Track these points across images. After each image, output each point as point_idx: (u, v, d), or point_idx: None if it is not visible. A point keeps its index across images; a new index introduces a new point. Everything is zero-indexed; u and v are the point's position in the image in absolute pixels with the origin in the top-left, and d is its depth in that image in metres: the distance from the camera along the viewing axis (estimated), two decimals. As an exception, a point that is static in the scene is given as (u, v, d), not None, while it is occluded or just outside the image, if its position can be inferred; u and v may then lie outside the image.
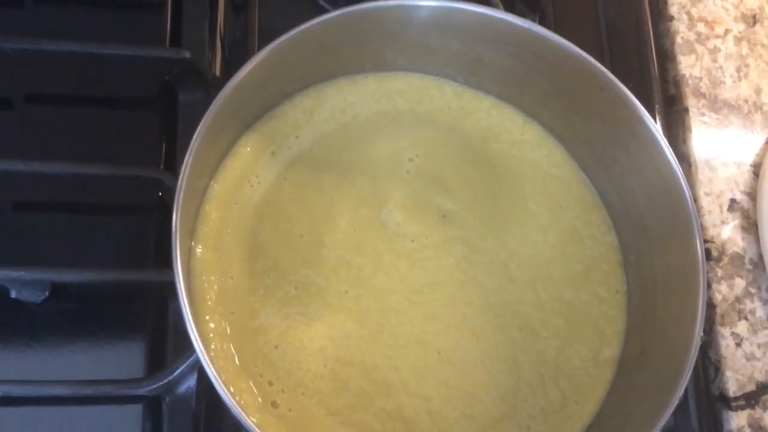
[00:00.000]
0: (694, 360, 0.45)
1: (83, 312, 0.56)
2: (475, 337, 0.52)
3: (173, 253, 0.43)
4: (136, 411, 0.54)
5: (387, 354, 0.51)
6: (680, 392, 0.45)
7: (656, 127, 0.50)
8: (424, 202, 0.55)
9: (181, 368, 0.51)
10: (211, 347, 0.48)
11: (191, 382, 0.53)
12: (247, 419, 0.40)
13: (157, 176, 0.57)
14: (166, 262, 0.56)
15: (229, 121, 0.51)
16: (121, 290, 0.57)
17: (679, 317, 0.49)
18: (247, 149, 0.53)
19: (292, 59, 0.51)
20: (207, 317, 0.48)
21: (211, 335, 0.48)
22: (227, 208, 0.52)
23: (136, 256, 0.58)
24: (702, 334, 0.46)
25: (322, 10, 0.68)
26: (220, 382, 0.41)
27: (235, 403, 0.41)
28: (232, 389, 0.47)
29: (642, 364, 0.51)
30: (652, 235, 0.53)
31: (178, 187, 0.43)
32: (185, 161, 0.45)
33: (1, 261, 0.54)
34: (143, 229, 0.59)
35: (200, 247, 0.50)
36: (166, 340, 0.55)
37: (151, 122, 0.62)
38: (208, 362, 0.41)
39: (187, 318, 0.42)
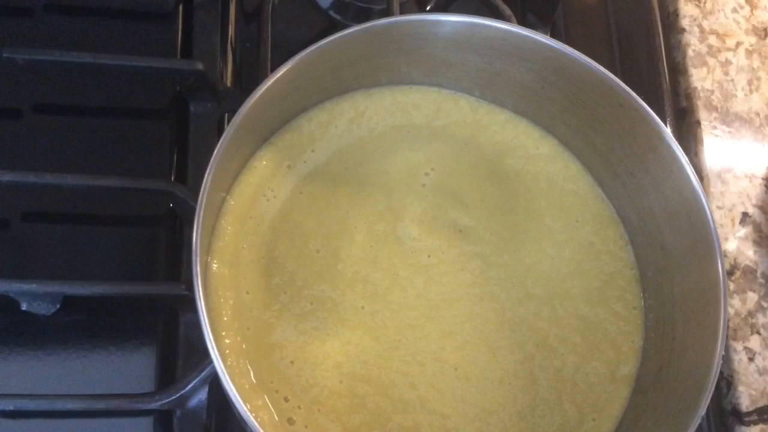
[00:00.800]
0: (716, 378, 0.45)
1: (93, 324, 0.56)
2: (492, 353, 0.52)
3: (193, 270, 0.42)
4: (146, 424, 0.53)
5: (404, 370, 0.50)
6: (702, 411, 0.44)
7: (676, 144, 0.49)
8: (440, 217, 0.54)
9: (193, 382, 0.51)
10: (227, 363, 0.47)
11: (202, 395, 0.53)
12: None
13: (169, 189, 0.56)
14: (177, 275, 0.57)
15: (246, 136, 0.50)
16: (131, 303, 0.57)
17: (699, 334, 0.48)
18: (263, 163, 0.53)
19: (311, 74, 0.51)
20: (223, 333, 0.48)
21: (227, 351, 0.48)
22: (243, 222, 0.51)
23: (147, 268, 0.58)
24: (723, 352, 0.45)
25: (333, 21, 0.69)
26: (239, 398, 0.41)
27: (253, 419, 0.40)
28: (248, 406, 0.46)
29: (661, 382, 0.51)
30: (671, 252, 0.52)
31: (199, 203, 0.43)
32: (206, 177, 0.44)
33: (11, 273, 0.55)
34: (153, 241, 0.59)
35: (216, 262, 0.50)
36: (176, 354, 0.55)
37: (162, 133, 0.62)
38: (228, 379, 0.41)
39: (207, 334, 0.41)
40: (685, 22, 0.72)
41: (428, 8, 0.70)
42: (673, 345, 0.51)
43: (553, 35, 0.68)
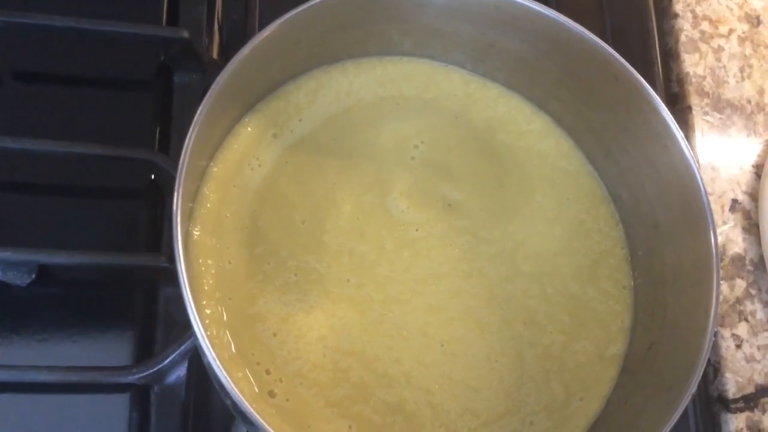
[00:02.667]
0: (708, 354, 0.45)
1: (70, 297, 0.54)
2: (479, 330, 0.51)
3: (174, 234, 0.41)
4: (123, 400, 0.52)
5: (389, 345, 0.49)
6: (693, 388, 0.44)
7: (671, 118, 0.49)
8: (429, 190, 0.53)
9: (172, 356, 0.50)
10: (207, 333, 0.46)
11: (181, 371, 0.52)
12: (248, 405, 0.39)
13: (151, 158, 0.55)
14: (158, 247, 0.56)
15: (231, 101, 0.49)
16: (110, 275, 0.56)
17: (690, 312, 0.48)
18: (248, 130, 0.52)
19: (297, 38, 0.50)
20: (204, 302, 0.47)
21: (207, 321, 0.47)
22: (226, 190, 0.50)
23: (128, 240, 0.57)
24: (716, 328, 0.45)
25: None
26: (220, 366, 0.39)
27: (234, 388, 0.39)
28: (229, 378, 0.45)
29: (650, 361, 0.50)
30: (663, 229, 0.52)
31: (180, 166, 0.42)
32: (187, 140, 0.43)
33: (-14, 241, 0.53)
34: (135, 213, 0.57)
35: (198, 230, 0.48)
36: (155, 328, 0.54)
37: (145, 104, 0.60)
38: (208, 346, 0.39)
39: (187, 301, 0.40)
40: (678, 8, 0.72)
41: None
42: (663, 324, 0.50)
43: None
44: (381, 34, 0.54)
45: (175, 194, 0.41)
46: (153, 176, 0.56)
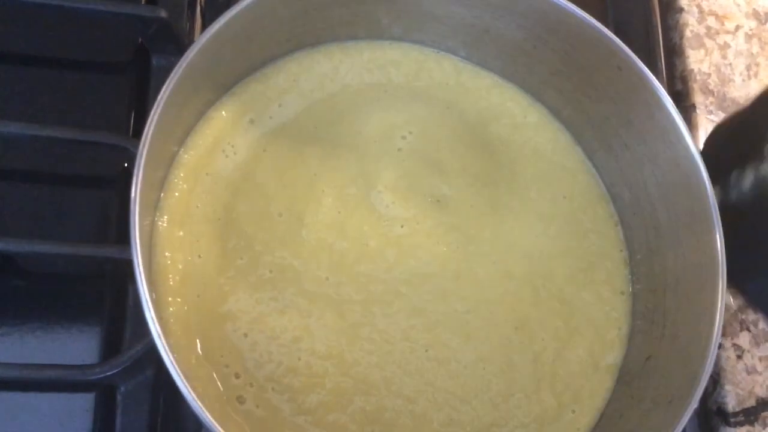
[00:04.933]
0: (711, 366, 0.42)
1: (35, 290, 0.52)
2: (466, 335, 0.48)
3: (131, 223, 0.38)
4: (87, 400, 0.50)
5: (369, 349, 0.47)
6: (695, 401, 0.42)
7: (677, 112, 0.46)
8: (416, 184, 0.51)
9: (138, 355, 0.47)
10: (172, 332, 0.43)
11: (150, 371, 0.49)
12: (207, 415, 0.36)
13: (121, 143, 0.52)
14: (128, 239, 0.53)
15: (203, 81, 0.46)
16: (77, 267, 0.54)
17: (693, 319, 0.45)
18: (222, 114, 0.49)
19: (277, 15, 0.47)
20: (169, 299, 0.44)
21: (172, 320, 0.44)
22: (197, 179, 0.47)
23: (98, 231, 0.54)
24: (720, 337, 0.42)
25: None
26: (178, 370, 0.36)
27: (193, 395, 0.36)
28: (193, 381, 0.42)
29: (648, 372, 0.48)
30: (665, 231, 0.49)
31: (140, 148, 0.39)
32: (148, 122, 0.41)
33: (-54, 229, 0.51)
34: (106, 203, 0.55)
35: (165, 220, 0.46)
36: (124, 325, 0.51)
37: (121, 87, 0.58)
38: (166, 348, 0.37)
39: (143, 296, 0.37)
40: (683, 2, 0.70)
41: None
42: (664, 332, 0.48)
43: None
44: (369, 16, 0.51)
45: (134, 179, 0.39)
46: (126, 164, 0.53)
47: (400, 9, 0.51)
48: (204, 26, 0.61)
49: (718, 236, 0.44)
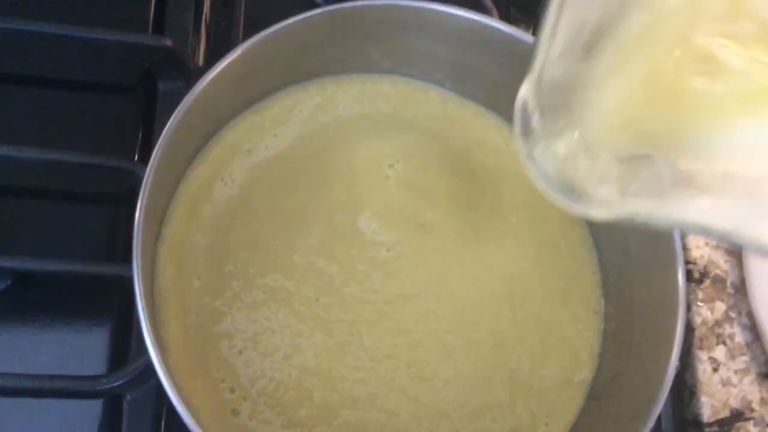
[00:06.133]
0: (668, 389, 0.44)
1: (47, 303, 0.54)
2: (447, 353, 0.51)
3: (134, 255, 0.41)
4: (95, 407, 0.53)
5: (355, 366, 0.49)
6: (652, 422, 0.44)
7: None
8: (402, 210, 0.53)
9: (143, 366, 0.49)
10: (172, 350, 0.46)
11: (154, 381, 0.51)
12: (198, 430, 0.39)
13: (129, 167, 0.55)
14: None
15: (204, 116, 0.49)
16: (87, 282, 0.56)
17: (655, 344, 0.47)
18: (222, 145, 0.52)
19: (274, 56, 0.49)
20: (170, 319, 0.47)
21: (172, 338, 0.47)
22: (198, 206, 0.50)
23: (106, 247, 0.57)
24: (678, 363, 0.45)
25: (314, 4, 0.67)
26: (171, 386, 0.40)
27: (187, 413, 0.39)
28: (192, 396, 0.45)
29: (615, 389, 0.50)
30: (634, 256, 0.52)
31: (144, 183, 0.42)
32: (153, 156, 0.43)
33: (-39, 246, 0.53)
34: (114, 221, 0.57)
35: (167, 245, 0.48)
36: (131, 337, 0.53)
37: (128, 110, 0.60)
38: (161, 365, 0.40)
39: (142, 318, 0.40)
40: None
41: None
42: (630, 353, 0.50)
43: (537, 31, 0.66)
44: (360, 53, 0.54)
45: (137, 213, 0.41)
46: (132, 185, 0.56)
47: (388, 47, 0.53)
48: (209, 51, 0.64)
49: (680, 269, 0.46)
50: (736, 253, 0.65)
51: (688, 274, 0.64)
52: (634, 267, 0.51)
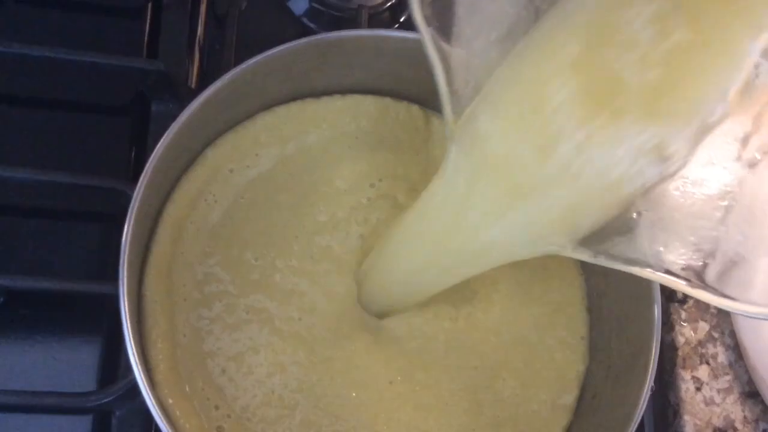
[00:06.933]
0: (643, 410, 0.45)
1: (39, 320, 0.55)
2: (432, 375, 0.51)
3: (120, 273, 0.42)
4: (85, 423, 0.53)
5: (337, 383, 0.50)
6: (631, 440, 0.44)
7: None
8: (383, 231, 0.53)
9: (131, 384, 0.49)
10: (160, 368, 0.47)
11: (142, 398, 0.51)
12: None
13: (120, 188, 0.55)
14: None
15: (193, 137, 0.50)
16: (77, 300, 0.56)
17: (631, 364, 0.48)
18: (205, 165, 0.52)
19: (262, 81, 0.50)
20: (157, 339, 0.48)
21: (161, 357, 0.47)
22: (182, 226, 0.50)
23: (98, 266, 0.57)
24: (653, 384, 0.45)
25: (306, 29, 0.69)
26: (153, 404, 0.41)
27: (169, 430, 0.40)
28: (178, 412, 0.46)
29: (593, 410, 0.50)
30: (612, 277, 0.52)
31: (131, 205, 0.43)
32: (141, 178, 0.44)
33: (-45, 263, 0.54)
34: (106, 240, 0.58)
35: (153, 267, 0.49)
36: (121, 353, 0.54)
37: (121, 131, 0.61)
38: (144, 383, 0.41)
39: (127, 338, 0.41)
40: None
41: (401, 19, 0.69)
42: (608, 373, 0.50)
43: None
44: (343, 76, 0.54)
45: (124, 237, 0.42)
46: (124, 205, 0.57)
47: (371, 70, 0.54)
48: (202, 73, 0.65)
49: (656, 290, 0.47)
50: (721, 273, 0.65)
51: (671, 295, 0.64)
52: (611, 286, 0.52)
